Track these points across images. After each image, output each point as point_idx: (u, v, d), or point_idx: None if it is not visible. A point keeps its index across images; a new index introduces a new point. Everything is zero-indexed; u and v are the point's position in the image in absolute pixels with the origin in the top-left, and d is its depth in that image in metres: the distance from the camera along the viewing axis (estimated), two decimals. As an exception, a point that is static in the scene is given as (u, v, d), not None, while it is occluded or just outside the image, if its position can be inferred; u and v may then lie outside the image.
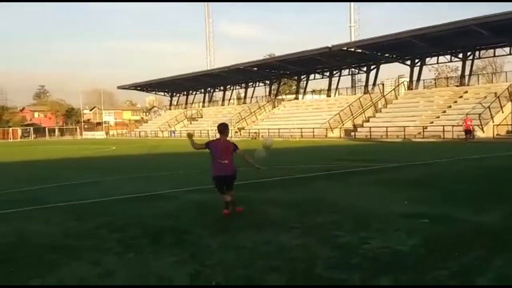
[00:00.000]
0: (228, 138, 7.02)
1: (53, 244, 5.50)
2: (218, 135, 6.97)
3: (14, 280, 4.25)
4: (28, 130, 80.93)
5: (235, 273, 4.26)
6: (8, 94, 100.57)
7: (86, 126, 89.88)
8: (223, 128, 6.95)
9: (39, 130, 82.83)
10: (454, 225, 6.01)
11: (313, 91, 66.24)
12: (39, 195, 9.53)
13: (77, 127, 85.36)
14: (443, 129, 34.68)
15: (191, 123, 68.94)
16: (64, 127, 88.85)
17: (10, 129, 78.08)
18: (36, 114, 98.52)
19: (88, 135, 79.34)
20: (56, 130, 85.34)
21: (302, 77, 61.66)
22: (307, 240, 5.38)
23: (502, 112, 35.50)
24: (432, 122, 37.98)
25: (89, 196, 9.17)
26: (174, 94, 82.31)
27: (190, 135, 7.16)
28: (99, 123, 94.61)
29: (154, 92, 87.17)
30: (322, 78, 59.38)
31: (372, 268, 4.32)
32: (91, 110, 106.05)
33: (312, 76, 60.34)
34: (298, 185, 10.42)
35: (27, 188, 10.66)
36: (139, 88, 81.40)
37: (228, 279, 4.11)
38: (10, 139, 73.84)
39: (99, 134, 79.12)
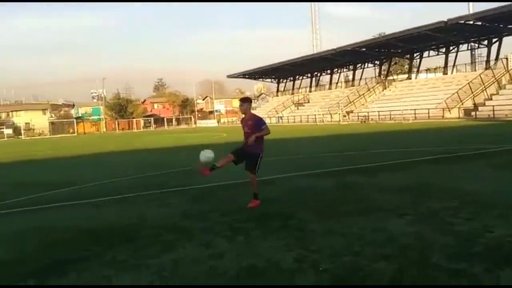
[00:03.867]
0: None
1: (170, 225, 5.88)
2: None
3: (135, 259, 4.61)
4: (149, 120, 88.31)
5: (342, 259, 4.16)
6: (133, 87, 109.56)
7: (199, 115, 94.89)
8: (241, 103, 7.00)
9: (158, 120, 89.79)
10: None
11: (428, 70, 62.10)
12: (161, 180, 10.28)
13: (192, 116, 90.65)
14: None
15: (298, 109, 69.12)
16: (180, 116, 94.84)
17: (134, 120, 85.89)
18: (155, 105, 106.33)
19: (201, 123, 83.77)
20: (173, 120, 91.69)
21: (415, 55, 58.23)
22: (420, 227, 5.07)
23: None
24: None
25: (203, 180, 9.63)
26: (281, 80, 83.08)
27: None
28: (211, 112, 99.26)
29: (261, 79, 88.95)
30: (438, 55, 55.64)
31: (495, 258, 3.94)
32: (203, 100, 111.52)
33: (426, 54, 56.79)
34: (411, 170, 9.86)
35: (150, 174, 11.58)
36: (247, 76, 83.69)
37: (335, 265, 4.02)
38: (134, 129, 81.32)
39: (211, 123, 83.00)
